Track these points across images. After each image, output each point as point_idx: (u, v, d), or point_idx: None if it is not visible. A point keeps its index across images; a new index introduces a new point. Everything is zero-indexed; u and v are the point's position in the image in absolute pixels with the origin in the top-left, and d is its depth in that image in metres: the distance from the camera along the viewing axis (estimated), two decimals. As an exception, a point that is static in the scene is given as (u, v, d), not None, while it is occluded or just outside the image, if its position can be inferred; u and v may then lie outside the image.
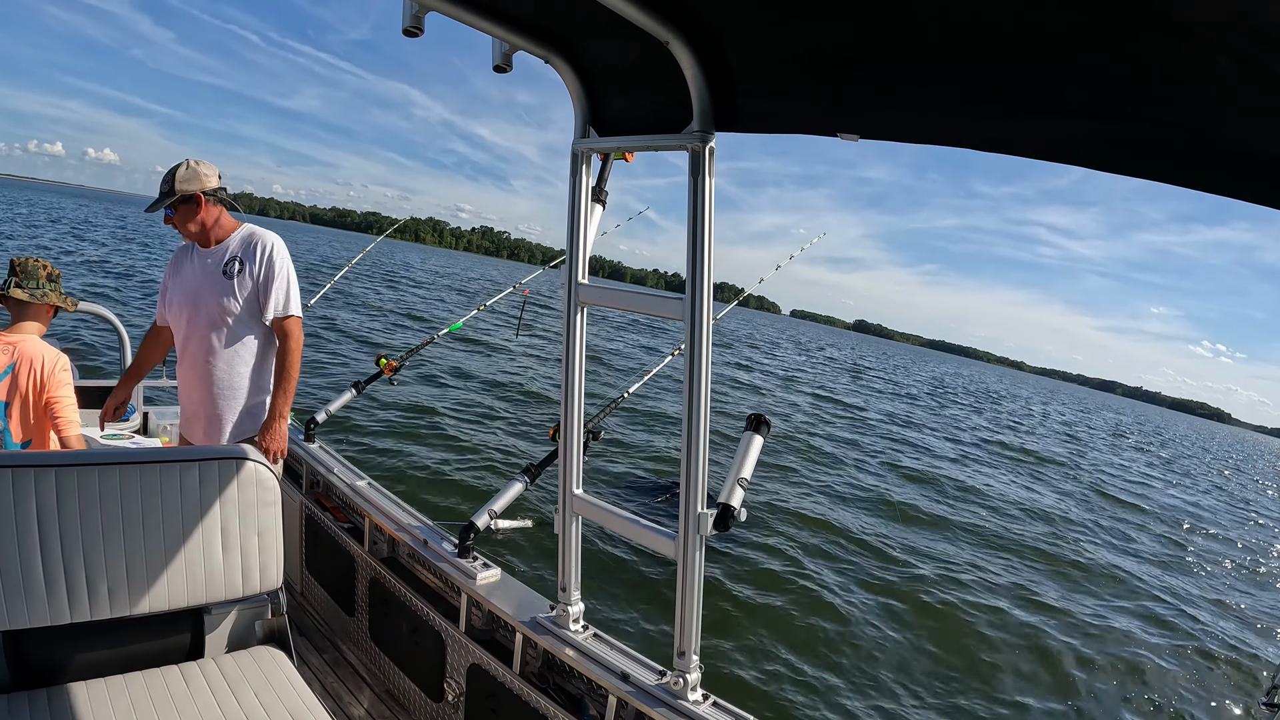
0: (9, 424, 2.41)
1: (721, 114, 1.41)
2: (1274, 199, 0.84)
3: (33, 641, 1.51)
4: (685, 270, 1.48)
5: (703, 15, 1.24)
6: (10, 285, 2.44)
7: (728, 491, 1.56)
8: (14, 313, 2.47)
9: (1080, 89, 0.92)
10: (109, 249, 25.61)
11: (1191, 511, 15.87)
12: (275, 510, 1.73)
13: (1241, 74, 0.74)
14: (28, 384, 2.41)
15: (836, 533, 7.58)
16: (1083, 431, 34.06)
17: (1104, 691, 5.36)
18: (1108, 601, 7.50)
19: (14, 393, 2.40)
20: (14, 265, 2.48)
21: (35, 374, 2.41)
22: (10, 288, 2.44)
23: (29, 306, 2.47)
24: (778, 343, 55.14)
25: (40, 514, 1.42)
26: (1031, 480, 14.64)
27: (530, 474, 2.38)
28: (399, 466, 6.97)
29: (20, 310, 2.47)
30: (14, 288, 2.44)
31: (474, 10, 1.38)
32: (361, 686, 2.49)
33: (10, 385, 2.39)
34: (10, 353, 2.39)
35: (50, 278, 2.54)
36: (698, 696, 1.66)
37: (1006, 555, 8.27)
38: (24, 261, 2.49)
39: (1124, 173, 0.96)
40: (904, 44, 1.03)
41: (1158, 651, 6.39)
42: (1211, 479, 25.94)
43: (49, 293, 2.50)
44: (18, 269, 2.48)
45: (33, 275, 2.48)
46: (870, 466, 11.88)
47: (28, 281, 2.47)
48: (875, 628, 5.46)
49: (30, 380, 2.41)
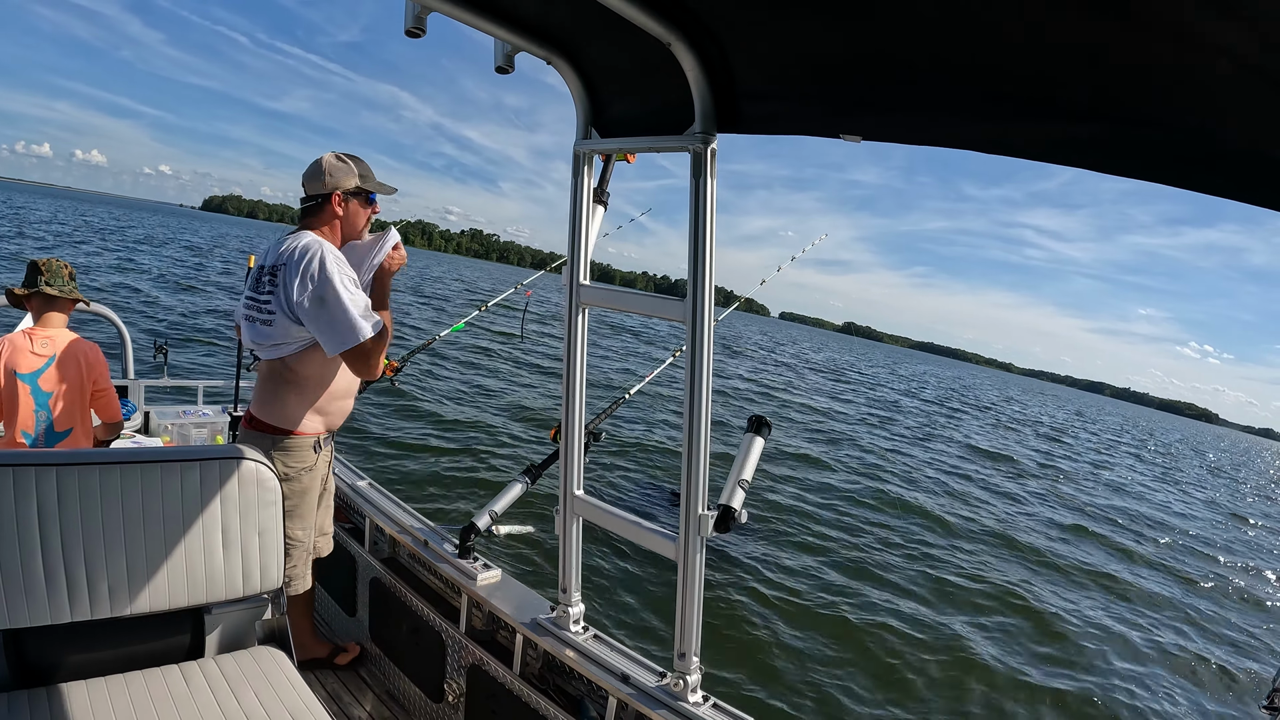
0: (53, 413, 2.53)
1: (723, 115, 1.41)
2: (1274, 201, 0.84)
3: (33, 640, 1.51)
4: (686, 271, 1.49)
5: (704, 17, 1.24)
6: (40, 283, 2.55)
7: (728, 493, 1.56)
8: (40, 309, 2.58)
9: (1080, 91, 0.92)
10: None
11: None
12: (275, 510, 1.73)
13: (1241, 76, 0.74)
14: (76, 373, 2.55)
15: (838, 533, 7.57)
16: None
17: (1105, 691, 5.36)
18: (1108, 603, 7.49)
19: (59, 383, 2.52)
20: (38, 265, 2.59)
21: (82, 363, 2.56)
22: (41, 285, 2.55)
23: (56, 301, 2.58)
24: (781, 343, 55.15)
25: (40, 513, 1.42)
26: (1033, 479, 14.64)
27: (531, 475, 2.38)
28: (400, 467, 6.96)
29: (47, 306, 2.58)
30: (44, 285, 2.55)
31: (476, 11, 1.38)
32: (362, 687, 2.48)
33: (53, 376, 2.51)
34: (49, 346, 2.51)
35: (71, 276, 2.66)
36: (698, 698, 1.66)
37: (1007, 556, 8.27)
38: (47, 262, 2.60)
39: (1124, 174, 0.96)
40: (905, 46, 1.04)
41: (1159, 651, 6.38)
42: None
43: (73, 289, 2.63)
44: (42, 268, 2.58)
45: (57, 274, 2.59)
46: (875, 466, 11.87)
47: (54, 280, 2.58)
48: (877, 628, 5.45)
49: (78, 369, 2.55)
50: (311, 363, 2.01)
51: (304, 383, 2.04)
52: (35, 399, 2.49)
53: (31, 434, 2.50)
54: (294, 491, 2.08)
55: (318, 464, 2.14)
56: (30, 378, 2.47)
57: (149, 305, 14.57)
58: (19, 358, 2.45)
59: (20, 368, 2.45)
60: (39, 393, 2.49)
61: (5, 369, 2.44)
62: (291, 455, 2.06)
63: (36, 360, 2.48)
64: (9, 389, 2.45)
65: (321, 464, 2.17)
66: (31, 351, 2.47)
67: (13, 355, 2.45)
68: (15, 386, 2.45)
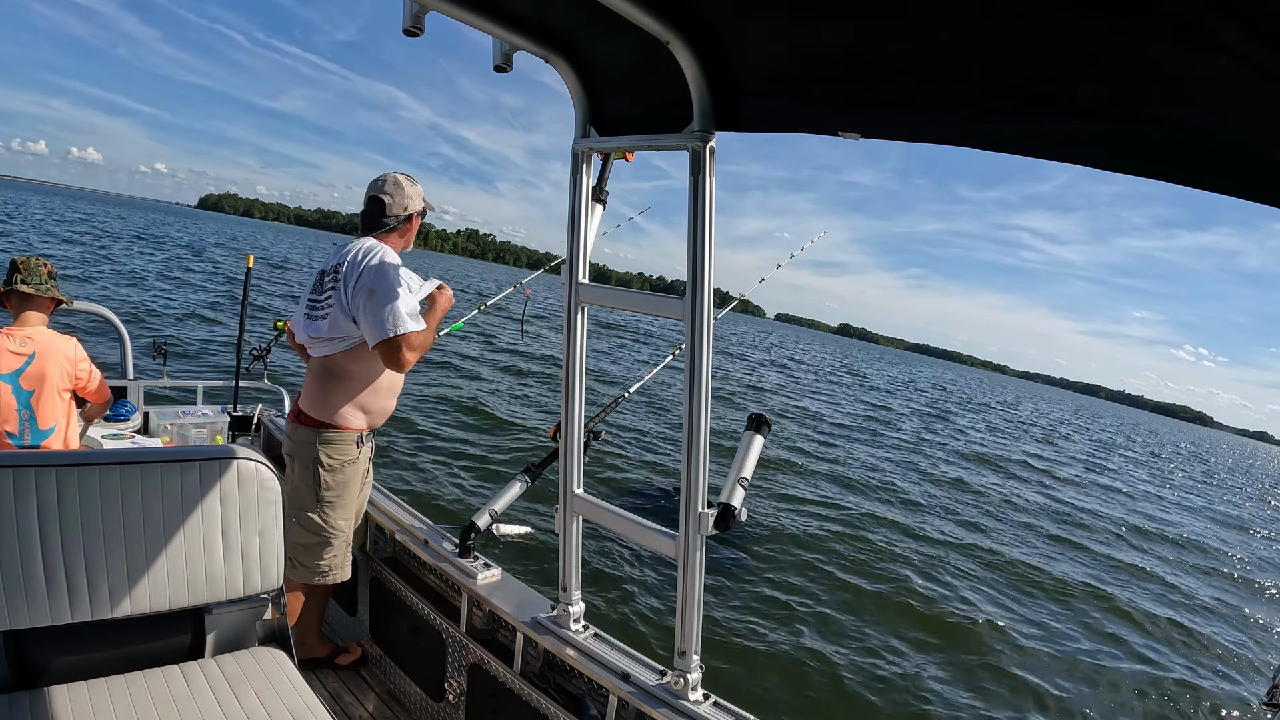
0: (35, 412, 2.54)
1: (722, 114, 1.41)
2: (1274, 198, 0.84)
3: (33, 641, 1.51)
4: (685, 270, 1.48)
5: (703, 14, 1.23)
6: (16, 281, 2.55)
7: (728, 491, 1.56)
8: (17, 308, 2.59)
9: (1081, 88, 0.92)
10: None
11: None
12: (276, 510, 1.72)
13: (1242, 73, 0.74)
14: (56, 370, 2.56)
15: (840, 533, 7.58)
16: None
17: (1105, 691, 5.36)
18: (1109, 602, 7.50)
19: (39, 381, 2.54)
20: (15, 264, 2.59)
21: (62, 359, 2.57)
22: (16, 283, 2.55)
23: (33, 300, 2.59)
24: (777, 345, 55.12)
25: (40, 514, 1.41)
26: (1038, 475, 14.65)
27: (531, 474, 2.38)
28: (400, 466, 6.96)
29: (24, 304, 2.58)
30: (19, 283, 2.55)
31: (474, 10, 1.38)
32: (363, 687, 2.48)
33: (33, 374, 2.52)
34: (28, 345, 2.52)
35: (51, 275, 2.65)
36: (699, 696, 1.66)
37: (1009, 555, 8.27)
38: (26, 260, 2.60)
39: (1125, 171, 0.96)
40: (905, 43, 1.03)
41: (1158, 651, 6.39)
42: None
43: (51, 287, 2.63)
44: (20, 267, 2.58)
45: (35, 272, 2.60)
46: (875, 466, 11.88)
47: (31, 278, 2.58)
48: (878, 628, 5.46)
49: (58, 366, 2.56)
50: (359, 360, 2.14)
51: (351, 380, 2.17)
52: (17, 398, 2.50)
53: (14, 433, 2.52)
54: (337, 483, 2.20)
55: (359, 459, 2.25)
56: (10, 377, 2.48)
57: (149, 305, 14.55)
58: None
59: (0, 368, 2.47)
60: (20, 391, 2.51)
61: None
62: (335, 448, 2.18)
63: (15, 359, 2.49)
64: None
65: (363, 459, 2.28)
66: (10, 351, 2.48)
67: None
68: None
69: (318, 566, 2.24)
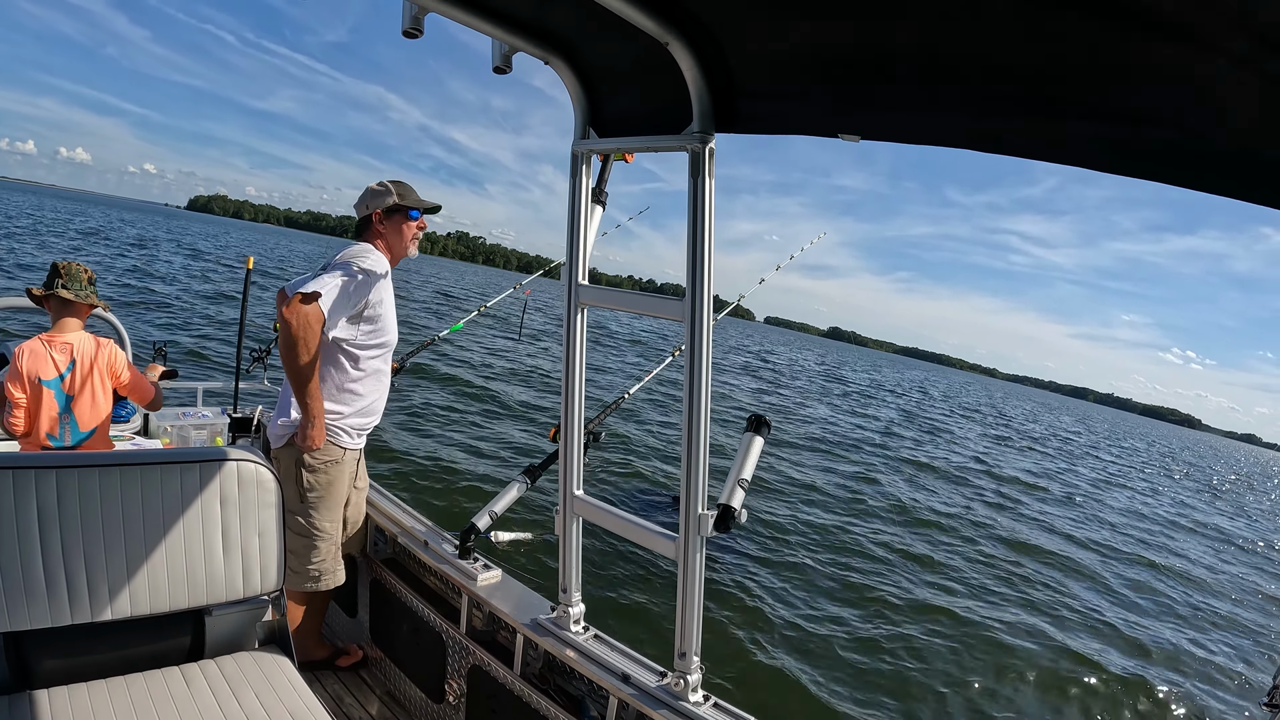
0: (75, 415, 2.57)
1: (721, 115, 1.41)
2: (1271, 199, 0.84)
3: (33, 643, 1.51)
4: (685, 271, 1.48)
5: (703, 16, 1.23)
6: (57, 286, 2.55)
7: (728, 492, 1.55)
8: (57, 312, 2.60)
9: (1081, 89, 0.92)
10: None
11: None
12: (276, 511, 1.72)
13: (1240, 75, 0.75)
14: (96, 375, 2.59)
15: (840, 533, 7.57)
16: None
17: (1104, 691, 5.36)
18: (1108, 602, 7.50)
19: (80, 386, 2.56)
20: (57, 268, 2.59)
21: (101, 364, 2.60)
22: (58, 288, 2.55)
23: (72, 306, 2.60)
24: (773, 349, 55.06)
25: (40, 515, 1.41)
26: (1038, 478, 14.64)
27: (531, 475, 2.38)
28: (400, 468, 6.96)
29: (63, 309, 2.60)
30: (61, 289, 2.55)
31: (473, 11, 1.38)
32: (363, 688, 2.48)
33: (74, 380, 2.55)
34: (69, 351, 2.55)
35: (90, 280, 2.66)
36: (699, 697, 1.66)
37: (1010, 553, 8.27)
38: (67, 265, 2.60)
39: (1124, 173, 0.96)
40: (904, 45, 1.03)
41: (1158, 651, 6.39)
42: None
43: (90, 294, 2.63)
44: (61, 271, 2.58)
45: (76, 278, 2.60)
46: (875, 467, 11.88)
47: (72, 284, 2.58)
48: (878, 628, 5.45)
49: (99, 370, 2.60)
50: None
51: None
52: (59, 403, 2.53)
53: (57, 437, 2.55)
54: (319, 483, 2.21)
55: (344, 459, 2.25)
56: (54, 383, 2.52)
57: (147, 305, 14.55)
58: (40, 365, 2.49)
59: (43, 374, 2.50)
60: (62, 396, 2.54)
61: (29, 377, 2.48)
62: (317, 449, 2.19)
63: (57, 366, 2.53)
64: (34, 396, 2.49)
65: (349, 460, 2.28)
66: (51, 358, 2.52)
67: (34, 363, 2.49)
68: (40, 393, 2.50)
69: (308, 571, 2.24)
